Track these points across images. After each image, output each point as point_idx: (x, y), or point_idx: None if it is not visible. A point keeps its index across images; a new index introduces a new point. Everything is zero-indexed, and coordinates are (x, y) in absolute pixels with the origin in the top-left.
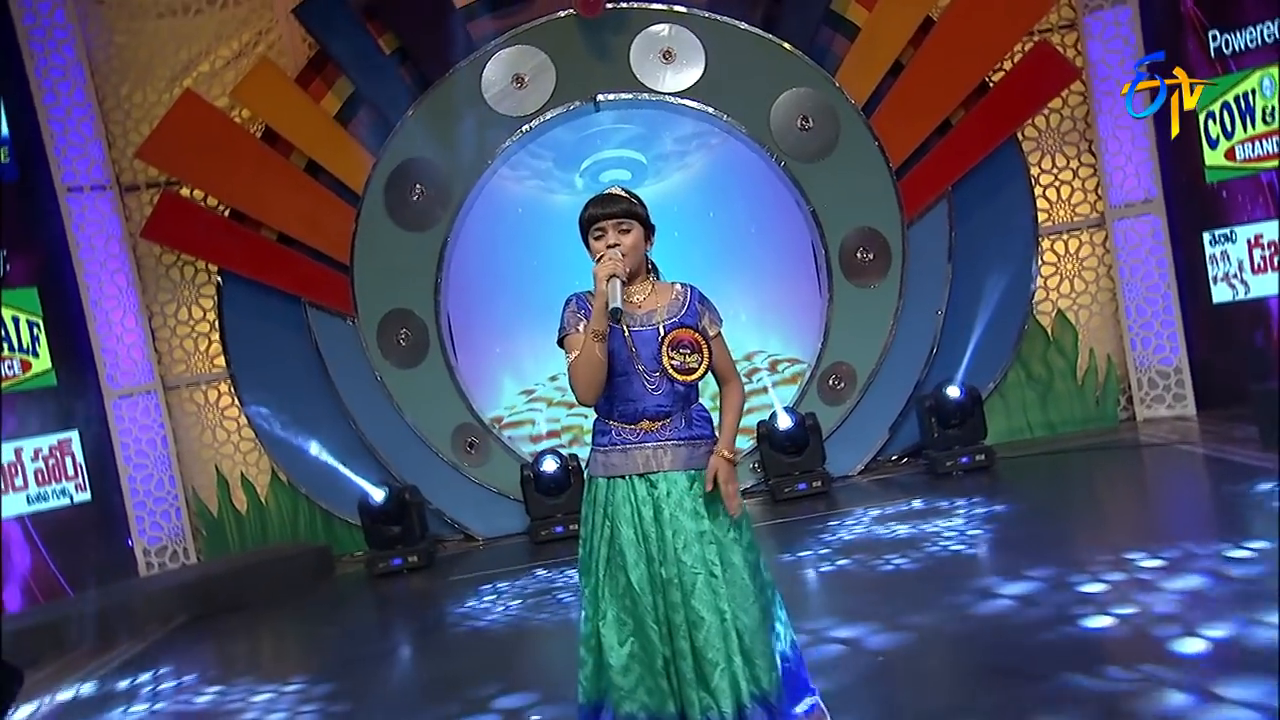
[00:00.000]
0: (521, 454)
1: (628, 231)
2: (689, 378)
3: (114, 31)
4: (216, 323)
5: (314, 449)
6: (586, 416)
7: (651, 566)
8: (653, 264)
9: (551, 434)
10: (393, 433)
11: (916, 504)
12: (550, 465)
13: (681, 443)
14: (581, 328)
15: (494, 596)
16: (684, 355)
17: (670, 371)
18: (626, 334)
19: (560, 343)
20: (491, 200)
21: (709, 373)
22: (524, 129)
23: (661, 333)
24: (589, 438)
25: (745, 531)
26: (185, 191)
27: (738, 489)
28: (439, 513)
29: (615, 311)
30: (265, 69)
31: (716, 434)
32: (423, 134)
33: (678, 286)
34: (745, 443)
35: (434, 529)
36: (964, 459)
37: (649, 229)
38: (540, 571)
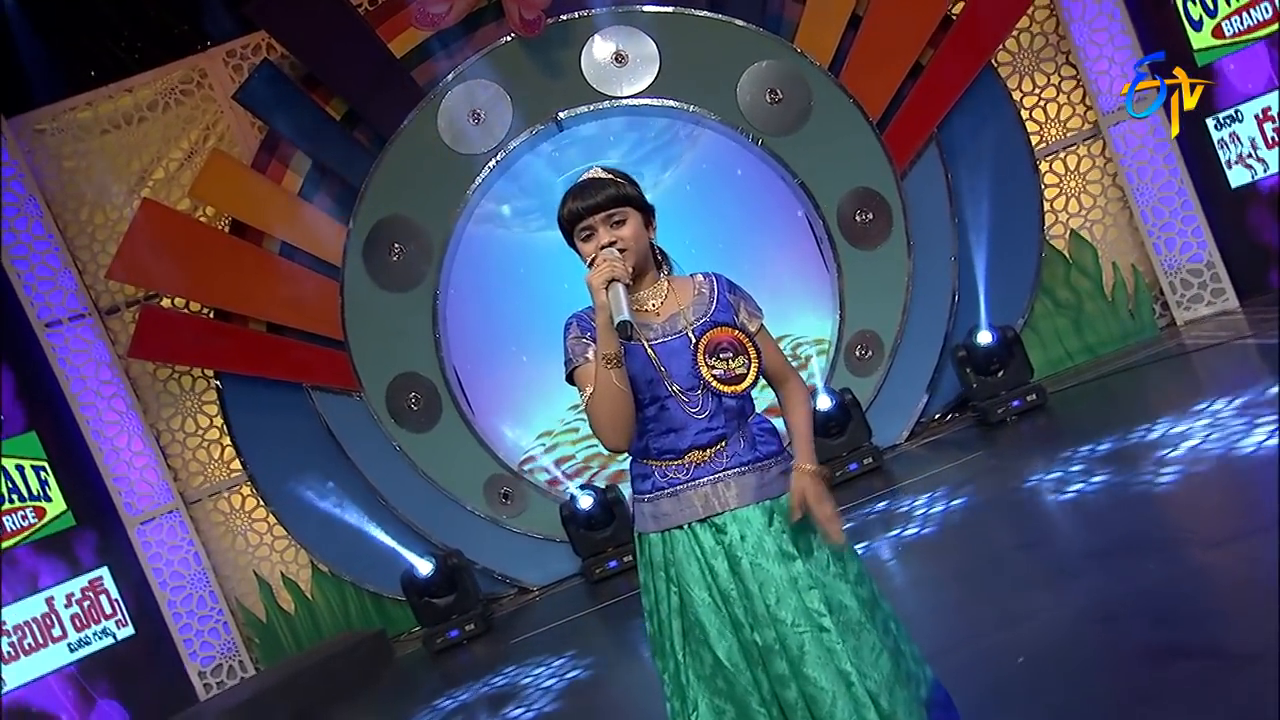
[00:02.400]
0: (559, 494)
1: (622, 223)
2: (739, 387)
3: (61, 158)
4: (225, 427)
5: (348, 533)
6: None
7: (741, 634)
8: (663, 254)
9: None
10: (423, 499)
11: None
12: (586, 502)
13: (746, 469)
14: (590, 355)
15: (564, 657)
16: (726, 361)
17: (714, 384)
18: (649, 350)
19: (569, 379)
20: (475, 246)
21: (760, 377)
22: (491, 164)
23: (692, 339)
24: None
25: (851, 561)
26: (166, 302)
27: (836, 509)
28: (488, 571)
29: (624, 325)
30: (218, 161)
31: (788, 449)
32: (389, 192)
33: (699, 278)
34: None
35: (486, 587)
36: (1015, 403)
37: (648, 213)
38: (598, 619)
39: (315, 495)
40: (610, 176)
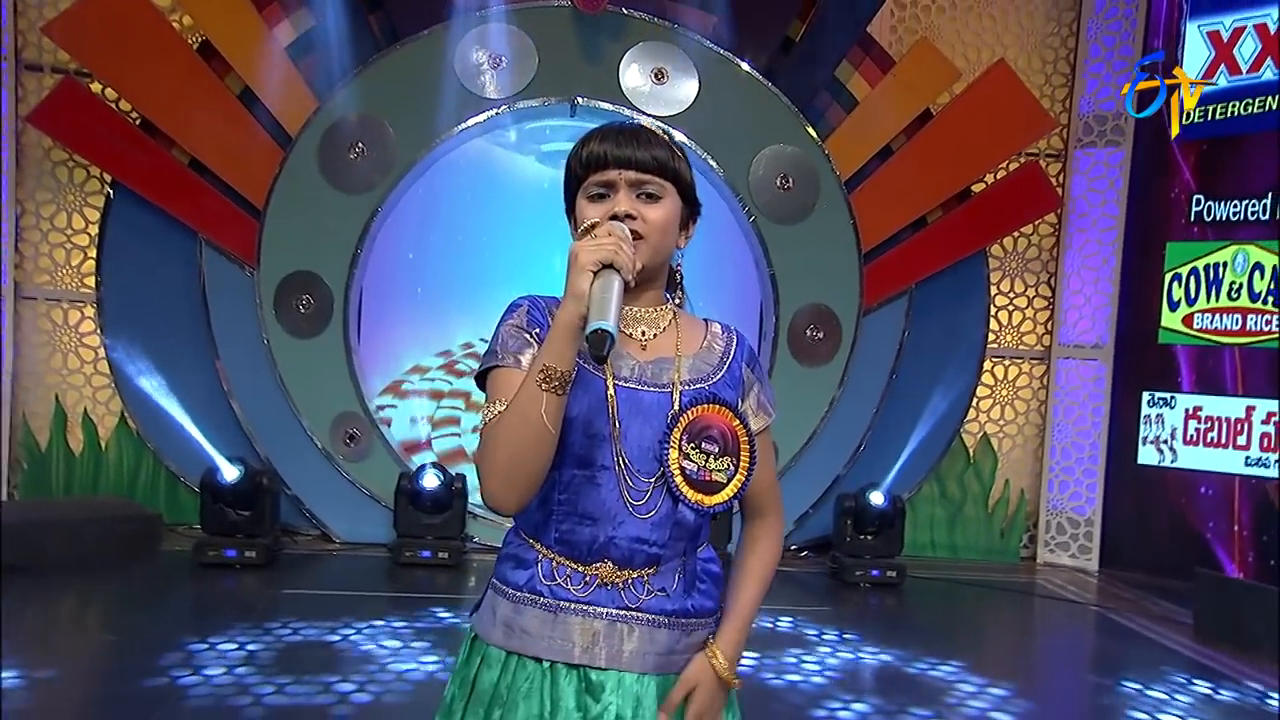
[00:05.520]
0: (404, 461)
1: (656, 200)
2: (708, 499)
3: None
4: (97, 239)
5: (173, 402)
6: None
7: None
8: (680, 277)
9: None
10: (266, 404)
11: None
12: (432, 481)
13: (666, 620)
14: (526, 360)
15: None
16: (708, 456)
17: (678, 480)
18: (610, 390)
19: (480, 379)
20: (441, 166)
21: (739, 496)
22: (492, 112)
23: (676, 404)
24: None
25: None
26: (96, 87)
27: None
28: (298, 501)
29: (602, 336)
30: None
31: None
32: (377, 91)
33: (716, 328)
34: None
35: (286, 517)
36: (875, 572)
37: (692, 209)
38: (386, 607)
39: (158, 350)
40: (665, 138)
